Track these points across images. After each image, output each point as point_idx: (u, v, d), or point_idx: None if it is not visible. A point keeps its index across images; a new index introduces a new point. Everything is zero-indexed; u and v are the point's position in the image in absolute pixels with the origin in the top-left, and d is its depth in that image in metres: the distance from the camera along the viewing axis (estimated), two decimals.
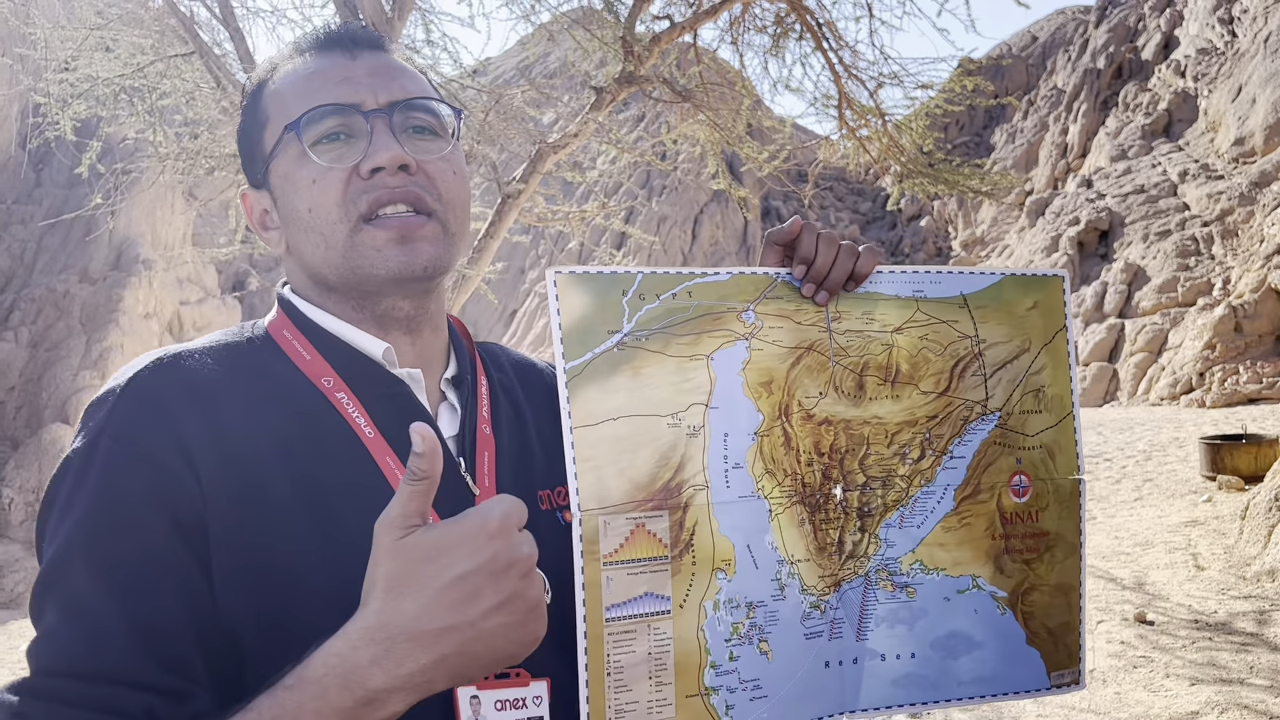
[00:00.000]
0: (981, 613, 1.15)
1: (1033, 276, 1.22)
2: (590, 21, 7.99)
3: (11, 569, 12.80)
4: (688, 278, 1.07)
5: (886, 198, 42.26)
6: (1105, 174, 33.68)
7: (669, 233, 36.54)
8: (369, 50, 1.07)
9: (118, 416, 0.91)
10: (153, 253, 17.02)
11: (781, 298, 1.11)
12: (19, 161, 17.99)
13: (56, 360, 15.47)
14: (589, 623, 0.97)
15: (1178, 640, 5.98)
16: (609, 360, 1.02)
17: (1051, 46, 47.12)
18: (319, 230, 1.01)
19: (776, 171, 9.20)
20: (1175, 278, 26.20)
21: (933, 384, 1.15)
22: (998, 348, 1.18)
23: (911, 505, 1.14)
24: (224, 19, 6.98)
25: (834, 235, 1.13)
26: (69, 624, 0.84)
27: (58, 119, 8.15)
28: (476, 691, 0.97)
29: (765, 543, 1.07)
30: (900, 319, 1.15)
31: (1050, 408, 1.20)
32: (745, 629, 1.05)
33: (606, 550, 0.99)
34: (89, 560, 0.86)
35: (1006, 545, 1.17)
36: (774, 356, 1.09)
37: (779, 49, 8.33)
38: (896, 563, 1.13)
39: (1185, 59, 35.74)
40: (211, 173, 9.04)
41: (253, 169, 1.10)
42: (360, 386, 1.02)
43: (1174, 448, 14.37)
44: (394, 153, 0.99)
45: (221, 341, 1.03)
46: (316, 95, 1.02)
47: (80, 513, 0.88)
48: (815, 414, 1.10)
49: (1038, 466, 1.19)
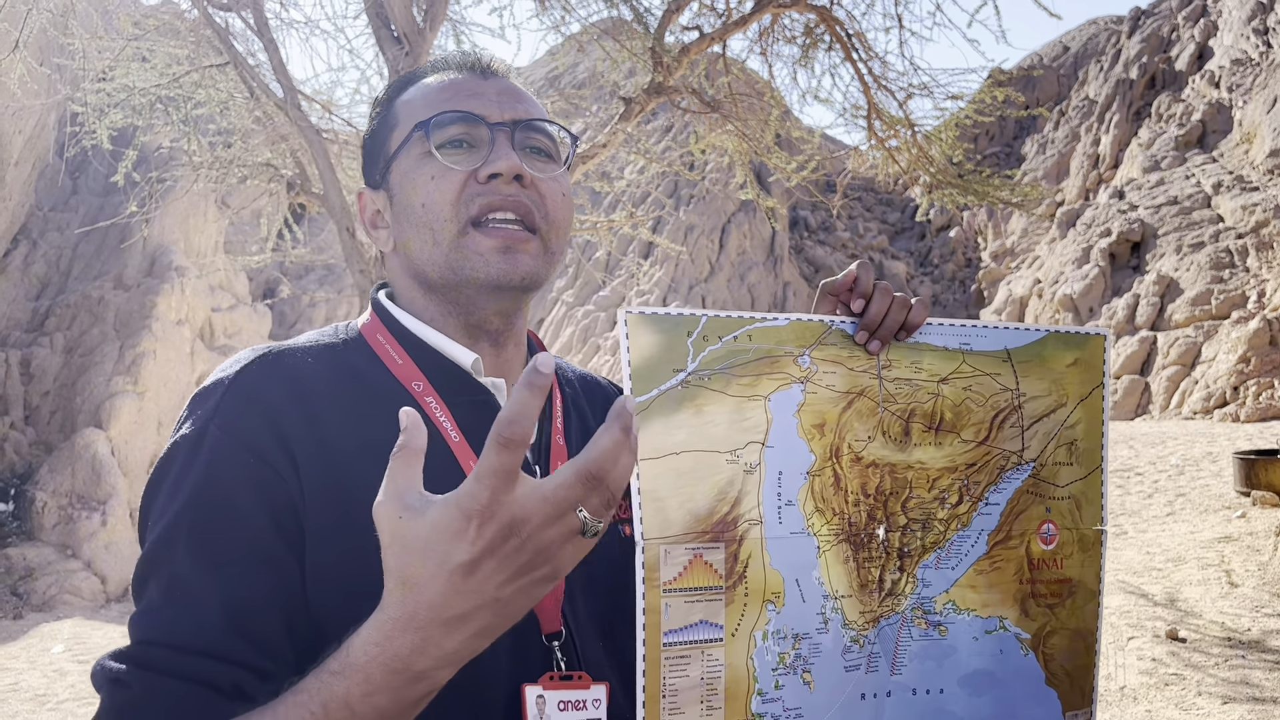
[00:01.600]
0: (1006, 653, 1.20)
1: (1075, 334, 1.26)
2: (619, 32, 8.02)
3: (44, 572, 12.96)
4: (749, 321, 1.12)
5: (915, 208, 42.06)
6: (1138, 185, 33.36)
7: (696, 242, 36.52)
8: (498, 77, 1.15)
9: (225, 407, 0.97)
10: (185, 260, 17.21)
11: (835, 344, 1.16)
12: (56, 169, 18.27)
13: (90, 365, 15.67)
14: (648, 646, 1.02)
15: (1210, 658, 5.90)
16: (673, 397, 1.07)
17: (1083, 57, 46.76)
18: (429, 226, 1.07)
19: (805, 182, 9.18)
20: (1209, 290, 25.88)
21: (974, 433, 1.20)
22: (1037, 401, 1.23)
23: (948, 548, 1.19)
24: (258, 30, 7.07)
25: (888, 286, 1.18)
26: (169, 600, 0.90)
27: (94, 128, 8.28)
28: (543, 691, 1.01)
29: (813, 578, 1.12)
30: (947, 370, 1.20)
31: (1081, 461, 1.25)
32: (791, 659, 1.10)
33: (666, 578, 1.03)
34: (190, 542, 0.91)
35: (1033, 590, 1.22)
36: (827, 400, 1.14)
37: (808, 60, 8.32)
38: (931, 602, 1.18)
39: (1219, 69, 35.36)
40: (244, 181, 9.14)
41: (373, 170, 1.17)
42: (448, 392, 1.08)
43: (1207, 462, 14.18)
44: (511, 162, 1.05)
45: (319, 341, 1.09)
46: (448, 103, 1.09)
47: (185, 497, 0.93)
48: (863, 456, 1.15)
49: (1065, 516, 1.24)
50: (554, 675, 1.03)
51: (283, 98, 6.95)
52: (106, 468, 14.28)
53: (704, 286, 35.82)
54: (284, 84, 6.95)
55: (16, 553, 13.28)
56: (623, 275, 34.74)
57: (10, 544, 13.70)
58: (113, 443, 14.67)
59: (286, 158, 8.51)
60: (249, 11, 7.05)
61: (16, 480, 14.89)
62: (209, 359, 17.00)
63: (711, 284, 36.10)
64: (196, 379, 16.66)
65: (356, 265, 6.70)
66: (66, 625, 11.34)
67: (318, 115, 8.40)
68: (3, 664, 9.37)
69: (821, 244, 43.45)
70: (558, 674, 1.03)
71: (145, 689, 0.87)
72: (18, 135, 15.70)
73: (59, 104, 14.30)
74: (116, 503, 14.16)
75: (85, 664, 9.08)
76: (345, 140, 8.39)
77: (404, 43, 6.14)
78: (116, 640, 10.23)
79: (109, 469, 14.30)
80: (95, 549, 13.52)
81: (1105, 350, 1.28)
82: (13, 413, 15.72)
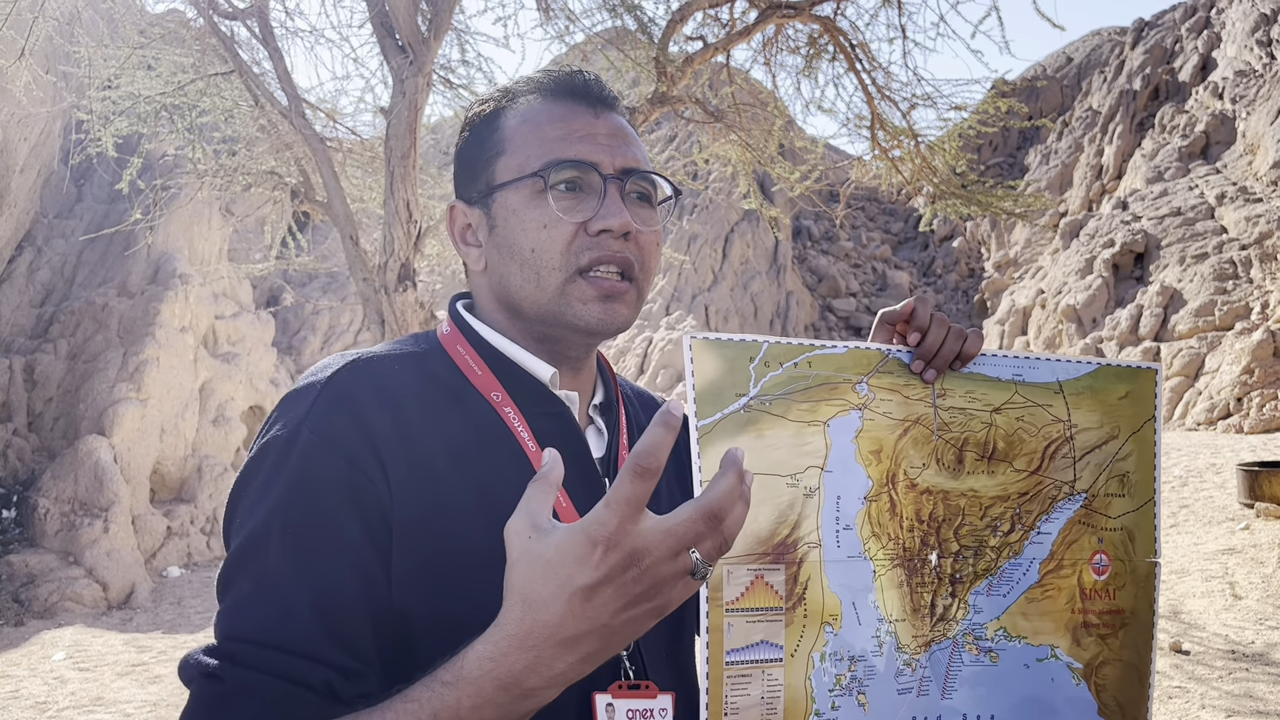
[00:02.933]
0: (1058, 682, 1.22)
1: (1127, 368, 1.29)
2: (624, 42, 8.04)
3: (46, 579, 12.96)
4: (808, 349, 1.16)
5: (919, 218, 42.09)
6: (1141, 196, 33.35)
7: (699, 251, 36.54)
8: (609, 110, 1.15)
9: (318, 410, 0.99)
10: (189, 267, 17.24)
11: (892, 373, 1.19)
12: (61, 177, 18.33)
13: (94, 372, 15.68)
14: (711, 664, 1.05)
15: (1214, 671, 5.87)
16: (736, 421, 1.10)
17: (1087, 68, 46.81)
18: (536, 269, 1.10)
19: (808, 191, 9.19)
20: (1212, 301, 25.85)
21: (1025, 463, 1.22)
22: (1088, 433, 1.26)
23: (1000, 575, 1.21)
24: (263, 39, 7.09)
25: (944, 317, 1.22)
26: (259, 597, 0.92)
27: (100, 135, 8.30)
28: (612, 700, 1.04)
29: (869, 601, 1.14)
30: (1000, 400, 1.23)
31: (1134, 493, 1.27)
32: (847, 681, 1.12)
33: (729, 598, 1.06)
34: (283, 541, 0.94)
35: (1084, 620, 1.24)
36: (884, 427, 1.17)
37: (812, 70, 8.34)
38: (982, 628, 1.20)
39: (1223, 81, 35.38)
40: (248, 189, 9.16)
41: (470, 187, 1.18)
42: (526, 403, 1.11)
43: (1211, 474, 14.14)
44: (623, 220, 1.08)
45: (403, 350, 1.12)
46: (563, 146, 1.10)
47: (278, 496, 0.95)
48: (918, 483, 1.18)
49: (1118, 547, 1.26)
50: (622, 684, 1.06)
51: (287, 106, 6.96)
52: (109, 474, 14.27)
53: (707, 295, 35.82)
54: (288, 92, 6.97)
55: (18, 559, 13.27)
56: None
57: (12, 550, 13.69)
58: (115, 449, 14.67)
59: (291, 166, 8.53)
60: (254, 20, 7.07)
61: (19, 486, 14.89)
62: (212, 366, 17.01)
63: (714, 293, 36.10)
64: (200, 386, 16.68)
65: (360, 273, 6.70)
66: (68, 632, 11.32)
67: (322, 123, 8.42)
68: (3, 671, 9.36)
69: (825, 254, 43.46)
70: (626, 683, 1.06)
71: (238, 684, 0.88)
72: (23, 143, 15.75)
73: (64, 112, 14.35)
74: (119, 510, 14.15)
75: (86, 671, 9.07)
76: (349, 148, 8.40)
77: (408, 51, 6.15)
78: (118, 648, 10.22)
79: (111, 476, 14.29)
80: (97, 556, 13.50)
81: (1157, 384, 1.30)
82: (16, 419, 15.73)
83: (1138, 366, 1.29)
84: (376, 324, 6.57)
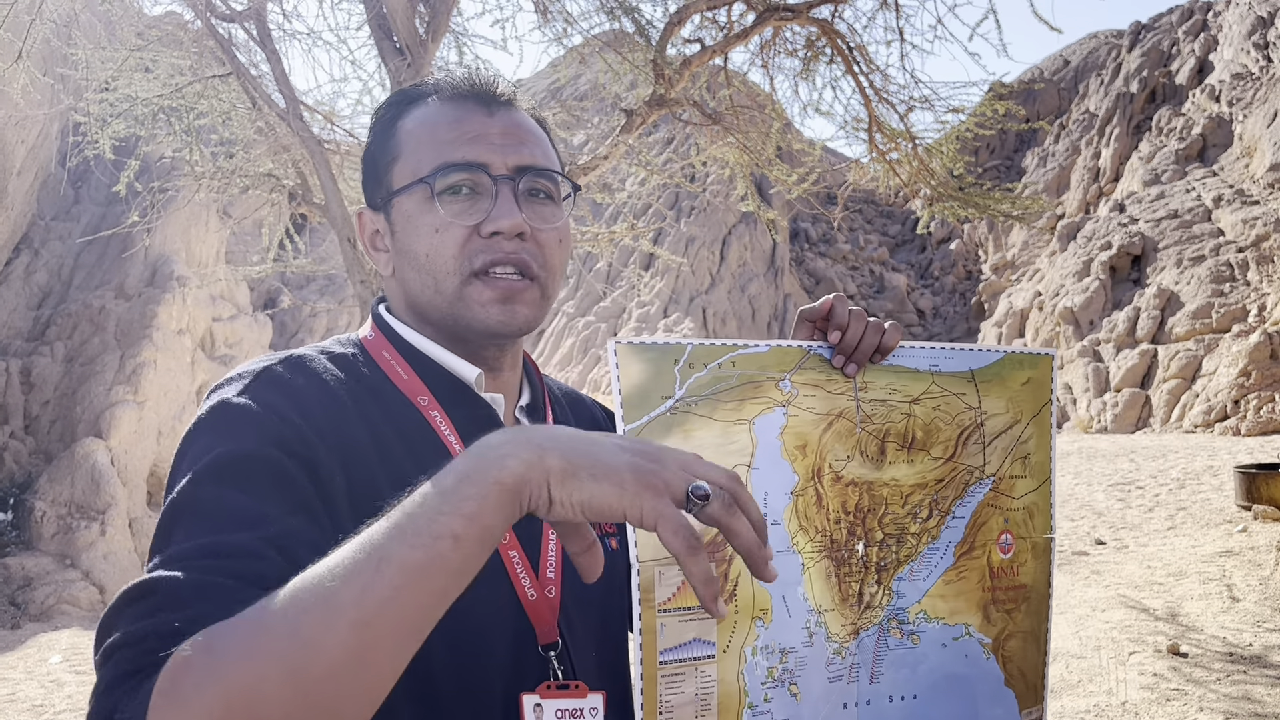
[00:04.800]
0: (971, 657, 1.27)
1: (1027, 354, 1.34)
2: (621, 45, 8.04)
3: (43, 581, 12.93)
4: (731, 349, 1.17)
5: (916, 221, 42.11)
6: (1138, 198, 33.41)
7: (697, 254, 36.56)
8: (504, 108, 1.14)
9: (253, 387, 0.99)
10: (187, 270, 17.22)
11: (814, 369, 1.22)
12: (58, 179, 18.31)
13: (91, 375, 15.66)
14: (645, 664, 1.05)
15: (1211, 673, 5.88)
16: (662, 423, 1.11)
17: (1084, 70, 46.89)
18: (432, 274, 1.10)
19: (806, 194, 9.19)
20: (1209, 303, 25.89)
21: (942, 450, 1.26)
22: (996, 419, 1.30)
23: (920, 560, 1.24)
24: (261, 41, 7.08)
25: (862, 312, 1.23)
26: (196, 526, 0.85)
27: (97, 138, 8.29)
28: (540, 700, 1.04)
29: (798, 594, 1.17)
30: (918, 390, 1.26)
31: (1034, 473, 1.32)
32: (779, 673, 1.14)
33: (661, 598, 1.07)
34: (219, 479, 0.89)
35: (993, 597, 1.29)
36: (808, 422, 1.19)
37: (809, 72, 8.34)
38: (905, 612, 1.23)
39: (1220, 83, 35.45)
40: (245, 191, 9.16)
41: (373, 193, 1.18)
42: (451, 405, 1.11)
43: (1208, 476, 14.16)
44: (513, 221, 1.08)
45: (332, 350, 1.12)
46: (451, 149, 1.10)
47: (212, 454, 0.91)
48: (843, 476, 1.21)
49: (1020, 526, 1.31)
50: (551, 684, 1.05)
51: (285, 108, 6.96)
52: (106, 477, 14.26)
53: (705, 298, 35.84)
54: (286, 95, 6.96)
55: (15, 562, 13.26)
56: (623, 287, 34.78)
57: (9, 553, 13.67)
58: (112, 452, 14.66)
59: (288, 168, 8.52)
60: (252, 22, 7.07)
61: (16, 489, 14.87)
62: (210, 369, 16.99)
63: (712, 295, 36.13)
64: (197, 389, 16.65)
65: (358, 276, 6.70)
66: (64, 635, 11.30)
67: (319, 126, 8.41)
68: (0, 674, 9.34)
69: (822, 256, 43.50)
70: (554, 683, 1.05)
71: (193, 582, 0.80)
72: (20, 145, 15.73)
73: (62, 114, 14.34)
74: (116, 512, 14.14)
75: (83, 674, 9.05)
76: (347, 151, 8.40)
77: (406, 54, 6.15)
78: None
79: (108, 479, 14.28)
80: (94, 559, 13.49)
81: (1053, 370, 1.35)
82: (13, 422, 15.71)
83: (1036, 353, 1.34)
84: None
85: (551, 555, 1.12)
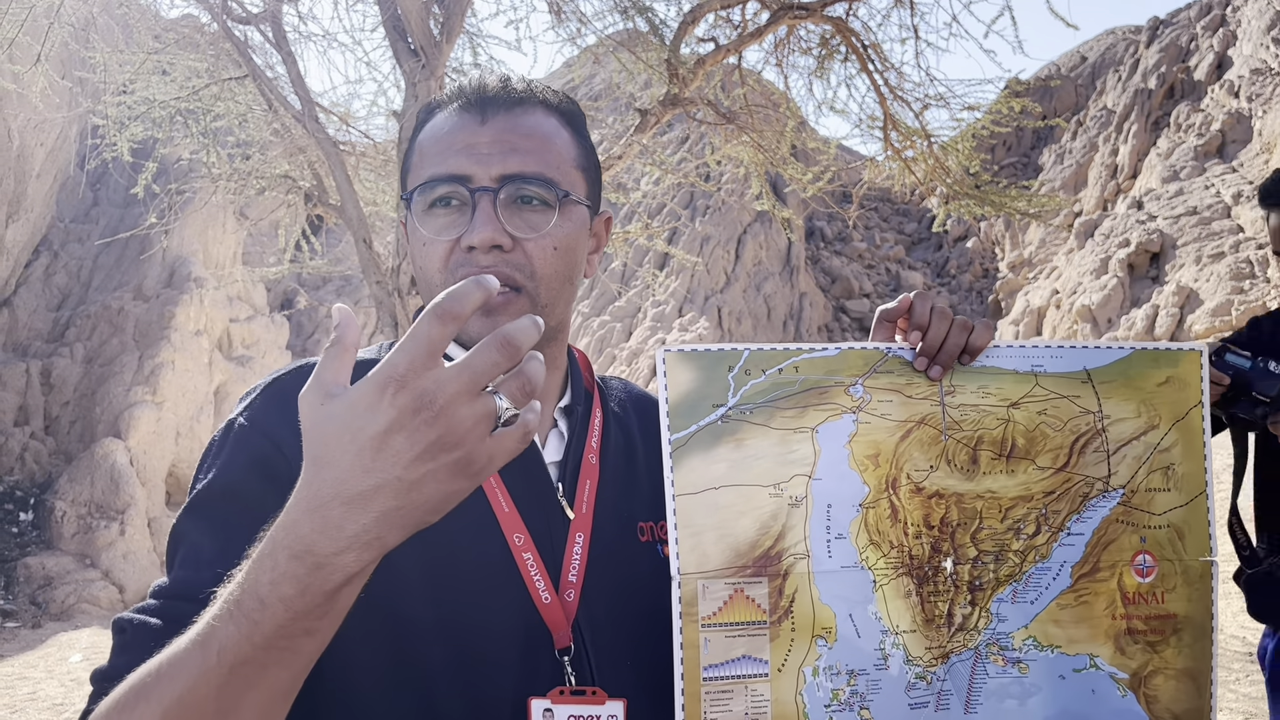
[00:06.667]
0: (1099, 693, 1.14)
1: (1165, 350, 1.20)
2: (635, 44, 8.04)
3: (63, 581, 13.03)
4: (795, 353, 1.11)
5: (932, 219, 41.92)
6: (1156, 195, 33.18)
7: (712, 253, 36.51)
8: (503, 113, 1.11)
9: (256, 404, 1.08)
10: (204, 271, 17.32)
11: (892, 372, 1.13)
12: (77, 182, 18.44)
13: (110, 376, 15.77)
14: (686, 680, 1.02)
15: (1230, 674, 5.83)
16: (712, 432, 1.06)
17: (1101, 67, 46.58)
18: (426, 285, 1.12)
19: (821, 192, 9.17)
20: (1229, 301, 25.70)
21: (1050, 459, 1.15)
22: (1123, 424, 1.17)
23: (1025, 580, 1.14)
24: (277, 43, 7.12)
25: (947, 310, 1.15)
26: (183, 565, 0.98)
27: (115, 140, 8.34)
28: (550, 705, 1.01)
29: (868, 612, 1.09)
30: (1018, 394, 1.16)
31: (1180, 486, 1.17)
32: (846, 696, 1.07)
33: (705, 613, 1.03)
34: (202, 516, 1.01)
35: (1128, 626, 1.15)
36: (882, 430, 1.11)
37: (824, 71, 8.31)
38: (1009, 637, 1.13)
39: (1239, 79, 35.16)
40: (262, 193, 9.20)
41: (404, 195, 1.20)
42: None
43: (1227, 475, 14.02)
44: (483, 235, 1.05)
45: (361, 356, 1.12)
46: (439, 162, 1.10)
47: (207, 479, 1.03)
48: (925, 487, 1.12)
49: (1164, 546, 1.17)
50: (564, 690, 1.03)
51: (301, 110, 6.99)
52: (125, 477, 14.35)
53: (720, 297, 35.79)
54: (302, 96, 6.99)
55: (35, 562, 13.36)
56: (638, 286, 34.76)
57: (29, 553, 13.77)
58: (131, 452, 14.75)
59: (304, 169, 8.56)
60: (268, 25, 7.11)
61: (36, 490, 14.98)
62: (227, 369, 17.08)
63: (727, 295, 36.08)
64: (214, 389, 16.75)
65: (373, 277, 6.72)
66: (84, 634, 11.38)
67: (335, 127, 8.45)
68: (21, 673, 9.41)
69: (838, 254, 43.38)
70: (568, 689, 1.03)
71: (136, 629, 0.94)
72: (39, 148, 15.86)
73: (80, 117, 14.44)
74: (135, 512, 14.23)
75: None
76: (362, 152, 8.43)
77: (421, 55, 6.17)
78: None
79: (127, 479, 14.37)
80: (114, 558, 13.58)
81: (1203, 366, 1.20)
82: (33, 422, 15.83)
83: (1179, 348, 1.19)
84: (390, 327, 6.59)
85: (575, 560, 1.08)
